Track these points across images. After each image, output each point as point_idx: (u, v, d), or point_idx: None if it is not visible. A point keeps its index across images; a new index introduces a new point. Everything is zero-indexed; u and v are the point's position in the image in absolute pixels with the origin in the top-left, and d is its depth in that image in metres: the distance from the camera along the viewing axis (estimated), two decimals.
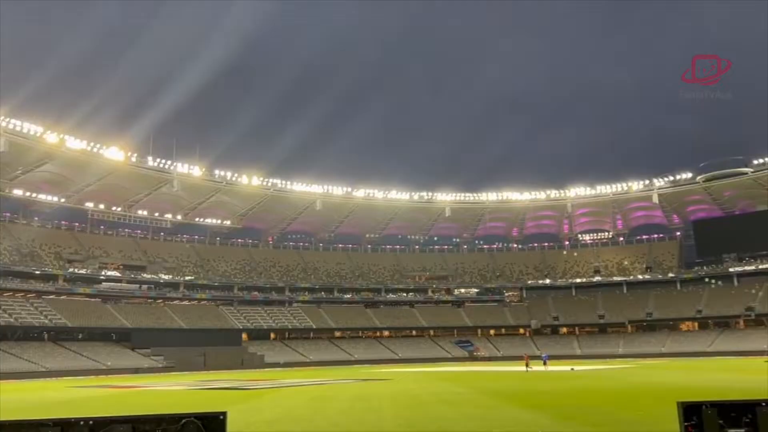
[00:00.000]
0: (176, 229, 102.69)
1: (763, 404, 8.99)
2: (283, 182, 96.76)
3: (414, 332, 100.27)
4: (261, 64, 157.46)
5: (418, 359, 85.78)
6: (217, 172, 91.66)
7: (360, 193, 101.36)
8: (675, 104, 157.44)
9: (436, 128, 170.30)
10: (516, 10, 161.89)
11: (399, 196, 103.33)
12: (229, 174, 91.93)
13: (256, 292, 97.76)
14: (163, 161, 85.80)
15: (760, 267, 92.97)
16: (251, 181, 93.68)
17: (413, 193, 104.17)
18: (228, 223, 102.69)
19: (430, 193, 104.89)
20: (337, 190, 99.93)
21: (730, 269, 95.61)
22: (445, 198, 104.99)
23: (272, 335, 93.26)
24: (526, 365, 53.39)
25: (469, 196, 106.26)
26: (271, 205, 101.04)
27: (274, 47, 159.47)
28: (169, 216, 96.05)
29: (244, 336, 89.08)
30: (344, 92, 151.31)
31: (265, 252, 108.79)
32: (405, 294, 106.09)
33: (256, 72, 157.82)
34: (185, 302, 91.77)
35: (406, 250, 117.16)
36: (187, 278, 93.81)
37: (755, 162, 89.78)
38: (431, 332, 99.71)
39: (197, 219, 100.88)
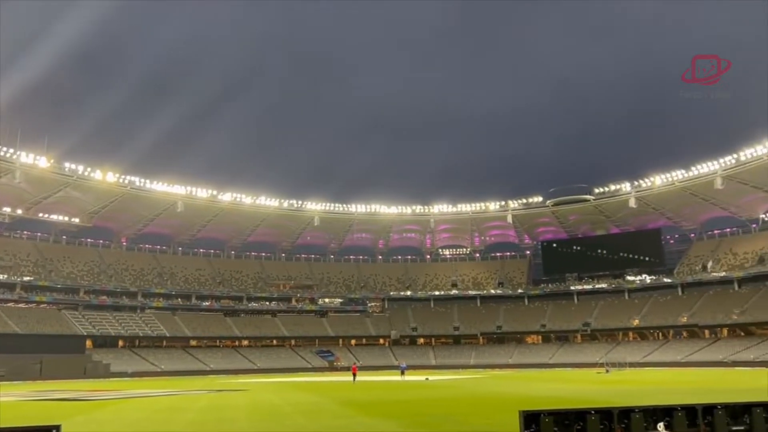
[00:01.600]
0: (15, 225, 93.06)
1: (592, 412, 9.91)
2: (142, 180, 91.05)
3: (275, 342, 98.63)
4: (121, 54, 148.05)
5: (278, 369, 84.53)
6: (67, 165, 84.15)
7: (226, 196, 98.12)
8: (532, 132, 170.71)
9: (309, 136, 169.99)
10: (393, 29, 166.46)
11: (268, 202, 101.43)
12: (81, 168, 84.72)
13: (104, 297, 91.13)
14: (4, 149, 77.44)
15: (597, 286, 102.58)
16: (106, 177, 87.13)
17: (283, 200, 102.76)
18: (77, 220, 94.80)
19: (300, 201, 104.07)
20: (202, 193, 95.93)
21: (571, 287, 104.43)
22: (315, 207, 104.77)
23: (121, 343, 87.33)
24: (354, 375, 51.06)
25: (339, 207, 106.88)
26: (127, 204, 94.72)
27: (134, 37, 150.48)
28: (7, 210, 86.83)
29: (88, 343, 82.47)
30: (212, 90, 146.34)
31: (118, 254, 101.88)
32: (268, 303, 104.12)
33: (114, 62, 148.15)
34: (22, 305, 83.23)
35: (272, 258, 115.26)
36: (25, 279, 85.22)
37: (596, 191, 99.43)
38: (292, 342, 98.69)
39: (41, 215, 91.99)
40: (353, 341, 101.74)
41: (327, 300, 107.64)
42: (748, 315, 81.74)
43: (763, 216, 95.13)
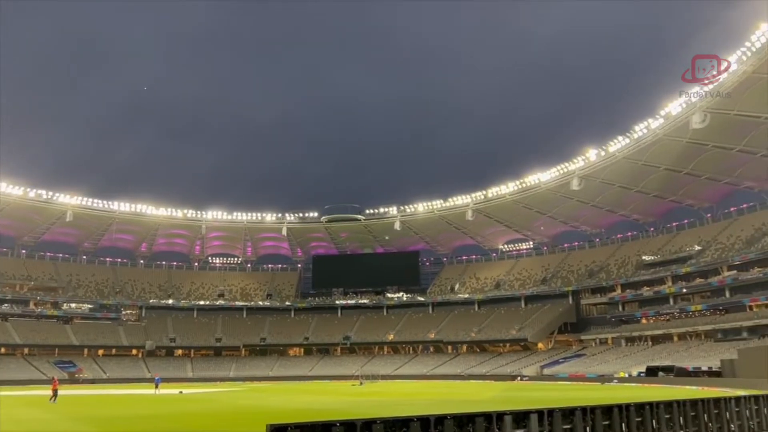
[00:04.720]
0: None
1: (338, 425, 10.18)
2: None
3: (3, 350, 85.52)
4: None
5: (4, 381, 73.20)
6: None
7: None
8: (313, 148, 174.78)
9: (67, 120, 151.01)
10: (167, 16, 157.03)
11: (10, 190, 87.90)
12: None
13: None
14: None
15: (360, 302, 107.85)
16: None
17: (29, 189, 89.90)
18: None
19: (51, 193, 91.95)
20: None
21: (336, 302, 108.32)
22: (69, 201, 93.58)
23: None
24: (54, 393, 39.76)
25: (98, 203, 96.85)
26: None
27: None
28: None
29: None
30: None
31: None
32: None
33: None
34: None
35: (9, 255, 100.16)
36: None
37: (367, 211, 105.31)
38: (26, 350, 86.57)
39: None
40: (101, 351, 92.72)
41: (74, 305, 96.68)
42: (483, 333, 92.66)
43: (502, 247, 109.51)
